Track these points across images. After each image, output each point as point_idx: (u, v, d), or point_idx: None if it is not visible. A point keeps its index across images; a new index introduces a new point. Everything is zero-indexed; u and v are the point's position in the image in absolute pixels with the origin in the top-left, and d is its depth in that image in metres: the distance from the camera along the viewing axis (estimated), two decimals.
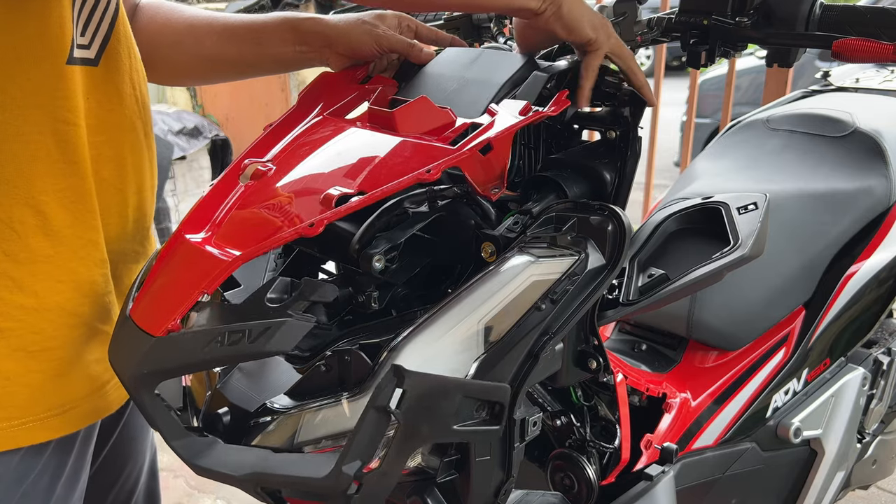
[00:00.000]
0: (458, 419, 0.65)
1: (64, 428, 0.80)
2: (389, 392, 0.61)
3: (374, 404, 0.61)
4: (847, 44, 0.80)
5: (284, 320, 0.63)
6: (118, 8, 0.81)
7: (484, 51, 0.91)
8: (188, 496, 2.16)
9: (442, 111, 0.77)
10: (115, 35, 0.81)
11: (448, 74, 0.88)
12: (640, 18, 0.91)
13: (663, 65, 2.68)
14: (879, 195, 1.36)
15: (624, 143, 0.87)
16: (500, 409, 0.68)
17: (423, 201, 0.75)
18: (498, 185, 0.76)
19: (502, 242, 0.75)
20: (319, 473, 0.62)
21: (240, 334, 0.63)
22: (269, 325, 0.63)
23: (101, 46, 0.79)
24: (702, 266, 0.84)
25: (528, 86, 0.83)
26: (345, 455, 0.61)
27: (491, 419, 0.68)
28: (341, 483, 0.61)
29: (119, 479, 1.05)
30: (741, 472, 1.20)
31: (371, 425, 0.61)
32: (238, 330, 0.63)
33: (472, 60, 0.88)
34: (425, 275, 0.79)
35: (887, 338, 1.53)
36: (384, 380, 0.62)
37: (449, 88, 0.85)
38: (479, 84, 0.84)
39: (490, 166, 0.74)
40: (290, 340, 0.64)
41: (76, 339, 0.79)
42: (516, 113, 0.76)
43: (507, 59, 0.86)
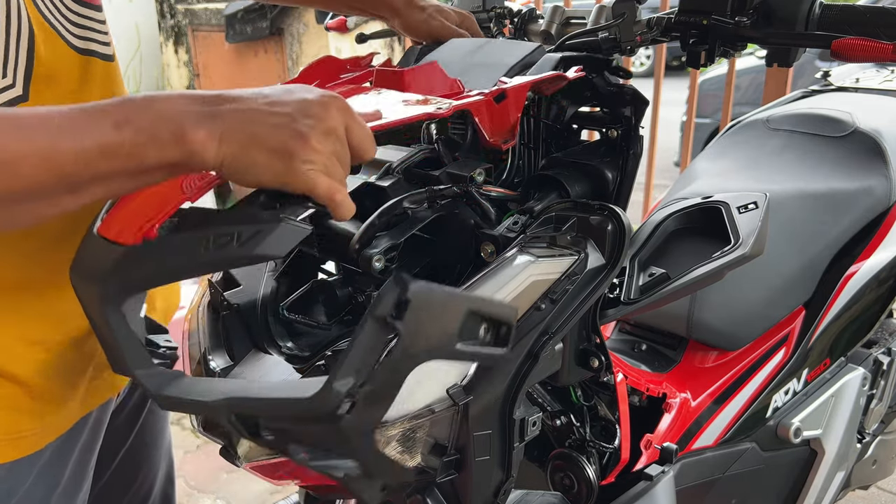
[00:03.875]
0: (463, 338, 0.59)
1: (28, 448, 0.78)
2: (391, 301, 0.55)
3: (374, 313, 0.55)
4: (846, 43, 0.80)
5: (277, 223, 0.58)
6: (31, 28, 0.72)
7: (489, 40, 0.91)
8: (188, 496, 2.16)
9: (452, 80, 0.76)
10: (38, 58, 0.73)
11: (453, 60, 0.87)
12: (639, 18, 0.90)
13: (663, 65, 2.68)
14: (879, 195, 1.36)
15: (625, 142, 0.87)
16: (507, 331, 0.61)
17: (423, 201, 0.75)
18: (508, 136, 0.75)
19: (502, 242, 0.75)
20: (306, 393, 0.56)
21: (227, 237, 0.58)
22: (260, 227, 0.58)
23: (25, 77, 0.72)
24: (702, 265, 0.84)
25: (539, 66, 0.83)
26: (337, 370, 0.55)
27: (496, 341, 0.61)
28: (332, 401, 0.55)
29: (133, 485, 1.05)
30: (741, 472, 1.20)
31: (369, 337, 0.55)
32: (226, 234, 0.58)
33: (478, 48, 0.88)
34: (426, 275, 0.79)
35: (887, 338, 1.53)
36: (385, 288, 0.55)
37: (456, 71, 0.84)
38: (487, 66, 0.83)
39: (502, 116, 0.73)
40: (283, 245, 0.59)
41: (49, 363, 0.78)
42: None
43: (514, 46, 0.86)
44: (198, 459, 2.32)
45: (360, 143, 0.63)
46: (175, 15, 5.23)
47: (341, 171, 0.62)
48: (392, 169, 0.79)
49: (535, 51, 0.85)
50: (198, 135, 0.57)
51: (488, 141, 0.72)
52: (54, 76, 0.74)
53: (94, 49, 0.80)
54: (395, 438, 0.67)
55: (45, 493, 0.80)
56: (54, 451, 0.81)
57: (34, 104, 0.71)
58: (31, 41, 0.72)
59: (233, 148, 0.58)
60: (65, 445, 0.82)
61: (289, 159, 0.59)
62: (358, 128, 0.62)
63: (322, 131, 0.60)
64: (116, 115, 0.57)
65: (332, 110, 0.61)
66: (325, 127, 0.60)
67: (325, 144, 0.60)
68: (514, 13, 1.14)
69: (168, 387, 0.61)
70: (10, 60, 0.70)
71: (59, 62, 0.75)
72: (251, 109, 0.59)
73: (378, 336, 0.55)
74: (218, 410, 0.59)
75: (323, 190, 0.60)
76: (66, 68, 0.76)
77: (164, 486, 1.11)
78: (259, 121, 0.59)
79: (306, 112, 0.60)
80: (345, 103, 0.62)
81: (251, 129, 0.58)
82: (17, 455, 0.77)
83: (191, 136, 0.57)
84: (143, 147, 0.57)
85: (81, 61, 0.78)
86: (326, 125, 0.60)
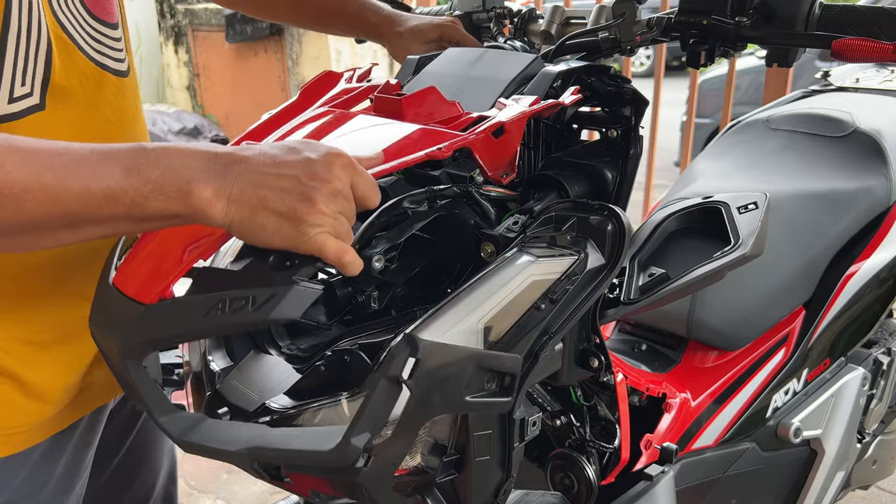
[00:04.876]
0: (469, 390, 0.63)
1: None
2: (402, 361, 0.58)
3: (386, 374, 0.58)
4: (847, 43, 0.80)
5: (290, 286, 0.60)
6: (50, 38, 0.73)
7: (487, 50, 0.91)
8: (188, 496, 2.16)
9: (450, 103, 0.76)
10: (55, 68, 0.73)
11: (451, 73, 0.87)
12: (639, 18, 0.90)
13: (663, 65, 2.68)
14: (879, 195, 1.36)
15: (625, 143, 0.87)
16: (511, 381, 0.65)
17: (423, 201, 0.75)
18: (508, 170, 0.75)
19: (502, 242, 0.75)
20: (326, 446, 0.58)
21: (243, 301, 0.59)
22: (274, 291, 0.59)
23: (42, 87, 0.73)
24: (702, 265, 0.84)
25: (537, 83, 0.83)
26: (353, 426, 0.58)
27: (501, 391, 0.65)
28: (350, 456, 0.58)
29: (136, 482, 1.05)
30: (741, 472, 1.20)
31: (382, 395, 0.58)
32: (241, 297, 0.59)
33: (476, 60, 0.88)
34: (425, 275, 0.79)
35: (887, 338, 1.53)
36: (396, 348, 0.59)
37: (453, 87, 0.85)
38: (485, 81, 0.83)
39: (501, 151, 0.73)
40: (297, 308, 0.60)
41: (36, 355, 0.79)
42: (527, 106, 0.75)
43: (512, 58, 0.86)
44: (198, 459, 2.31)
45: (364, 196, 0.64)
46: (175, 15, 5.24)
47: (348, 227, 0.63)
48: None
49: (533, 63, 0.85)
50: (205, 192, 0.58)
51: (489, 175, 0.73)
52: (69, 87, 0.75)
53: (107, 64, 0.81)
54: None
55: (36, 488, 0.81)
56: (47, 448, 0.81)
57: (51, 114, 0.72)
58: (48, 51, 0.72)
59: (242, 211, 0.59)
60: (58, 442, 0.83)
61: (297, 223, 0.60)
62: (362, 181, 0.63)
63: (329, 193, 0.60)
64: (126, 162, 0.58)
65: (336, 169, 0.61)
66: (331, 189, 0.61)
67: (332, 206, 0.61)
68: (514, 13, 1.14)
69: (191, 432, 0.63)
70: (30, 69, 0.71)
71: (74, 72, 0.76)
72: (259, 172, 0.60)
73: (391, 394, 0.59)
74: (241, 459, 0.61)
75: (332, 253, 0.61)
76: (81, 79, 0.77)
77: (166, 484, 1.11)
78: (267, 184, 0.59)
79: (313, 174, 0.60)
80: (348, 159, 0.63)
81: (260, 192, 0.59)
82: (10, 451, 0.78)
83: (197, 193, 0.58)
84: (148, 198, 0.58)
85: (96, 73, 0.79)
86: (332, 187, 0.61)
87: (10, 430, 0.78)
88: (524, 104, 0.76)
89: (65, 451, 0.84)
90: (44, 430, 0.81)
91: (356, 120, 0.76)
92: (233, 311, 0.59)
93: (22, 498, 0.80)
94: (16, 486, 0.79)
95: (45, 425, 0.80)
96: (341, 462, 0.58)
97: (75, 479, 0.87)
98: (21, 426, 0.78)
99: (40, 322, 0.78)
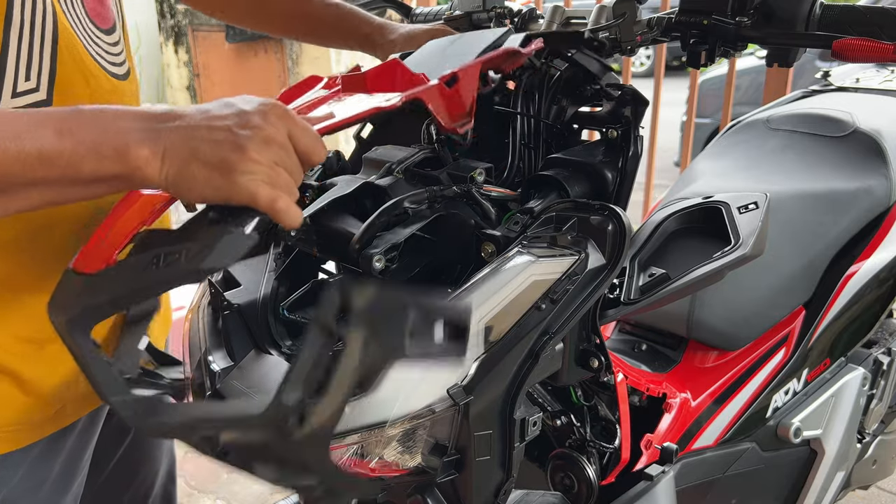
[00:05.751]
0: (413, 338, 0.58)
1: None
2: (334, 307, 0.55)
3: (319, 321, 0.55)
4: (847, 44, 0.80)
5: (222, 235, 0.58)
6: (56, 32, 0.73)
7: (463, 34, 0.91)
8: (188, 496, 2.16)
9: (416, 74, 0.75)
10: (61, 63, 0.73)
11: (427, 59, 0.87)
12: (639, 18, 0.90)
13: (663, 65, 2.68)
14: (879, 195, 1.36)
15: (625, 143, 0.87)
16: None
17: (423, 201, 0.75)
18: (465, 120, 0.74)
19: (502, 242, 0.75)
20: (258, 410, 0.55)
21: (176, 254, 0.58)
22: (206, 241, 0.58)
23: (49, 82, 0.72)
24: (702, 265, 0.84)
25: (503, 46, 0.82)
26: (284, 384, 0.55)
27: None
28: (280, 413, 0.55)
29: (134, 481, 1.05)
30: (741, 472, 1.20)
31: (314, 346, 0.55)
32: (174, 251, 0.58)
33: (451, 42, 0.88)
34: (425, 275, 0.79)
35: (887, 338, 1.53)
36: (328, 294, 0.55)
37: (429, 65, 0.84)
38: (456, 56, 0.83)
39: (456, 100, 0.72)
40: (231, 256, 0.58)
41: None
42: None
43: (485, 33, 0.86)
44: (198, 459, 2.31)
45: (306, 148, 0.62)
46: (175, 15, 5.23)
47: (287, 179, 0.61)
48: (392, 169, 0.79)
49: (504, 34, 0.84)
50: (141, 151, 0.58)
51: (445, 127, 0.72)
52: (75, 84, 0.75)
53: (106, 66, 0.81)
54: (395, 438, 0.67)
55: (35, 485, 0.81)
56: (45, 447, 0.82)
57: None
58: (54, 45, 0.72)
59: (175, 165, 0.58)
60: (56, 441, 0.83)
61: (228, 173, 0.58)
62: (301, 132, 0.62)
63: (261, 140, 0.59)
64: (60, 125, 0.57)
65: (270, 118, 0.60)
66: (263, 135, 0.59)
67: (265, 154, 0.59)
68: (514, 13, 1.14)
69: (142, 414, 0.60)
70: (35, 63, 0.71)
71: (81, 70, 0.76)
72: (192, 126, 0.59)
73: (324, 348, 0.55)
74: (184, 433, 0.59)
75: (264, 199, 0.59)
76: (87, 77, 0.77)
77: (165, 483, 1.11)
78: (199, 137, 0.59)
79: (245, 123, 0.59)
80: (284, 110, 0.61)
81: (191, 145, 0.58)
82: (9, 448, 0.78)
83: (134, 152, 0.58)
84: (83, 158, 0.57)
85: (98, 72, 0.79)
86: (265, 133, 0.59)
87: (9, 427, 0.78)
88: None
89: (63, 449, 0.84)
90: (42, 428, 0.81)
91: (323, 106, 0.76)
92: (167, 265, 0.58)
93: (20, 495, 0.80)
94: (14, 483, 0.79)
95: (43, 423, 0.81)
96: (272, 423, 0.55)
97: (73, 478, 0.87)
98: (20, 423, 0.78)
99: (36, 320, 0.78)
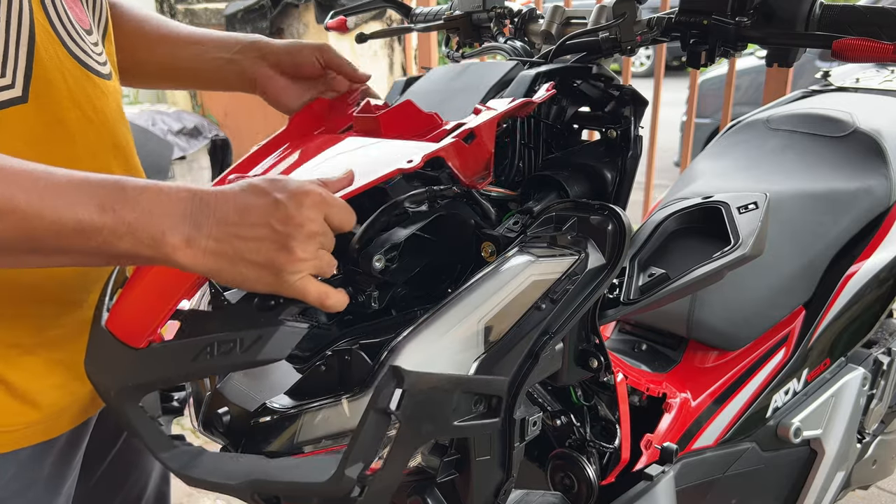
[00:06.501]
0: (458, 415, 0.65)
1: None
2: (389, 393, 0.61)
3: (375, 406, 0.61)
4: (847, 44, 0.80)
5: (277, 328, 0.62)
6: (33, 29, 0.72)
7: (470, 63, 0.92)
8: (188, 496, 2.16)
9: (427, 115, 0.77)
10: (38, 61, 0.72)
11: (435, 89, 0.88)
12: (639, 18, 0.90)
13: (663, 65, 2.68)
14: (879, 195, 1.36)
15: (625, 143, 0.87)
16: (498, 402, 0.68)
17: (423, 201, 0.75)
18: (484, 174, 0.75)
19: (502, 242, 0.75)
20: (321, 478, 0.61)
21: (231, 344, 0.61)
22: (261, 333, 0.61)
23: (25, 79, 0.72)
24: (702, 265, 0.84)
25: (515, 86, 0.83)
26: (346, 458, 0.60)
27: (489, 412, 0.68)
28: (344, 486, 0.61)
29: (127, 482, 1.05)
30: (741, 472, 1.20)
31: (372, 427, 0.61)
32: (229, 340, 0.61)
33: (459, 74, 0.89)
34: (425, 275, 0.79)
35: (887, 338, 1.53)
36: (383, 381, 0.61)
37: (437, 100, 0.85)
38: (466, 91, 0.84)
39: (475, 156, 0.73)
40: (284, 348, 0.62)
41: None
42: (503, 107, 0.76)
43: (493, 67, 0.87)
44: None
45: (340, 224, 0.64)
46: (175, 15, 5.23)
47: (328, 259, 0.63)
48: None
49: (513, 69, 0.85)
50: (175, 240, 0.59)
51: (464, 182, 0.73)
52: (53, 81, 0.74)
53: (89, 63, 0.81)
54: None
55: (25, 486, 0.81)
56: (34, 448, 0.81)
57: (33, 106, 0.71)
58: (31, 43, 0.71)
59: (220, 263, 0.60)
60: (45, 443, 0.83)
61: (278, 272, 0.60)
62: (336, 212, 0.63)
63: (305, 238, 0.61)
64: (103, 200, 0.58)
65: (307, 210, 0.61)
66: (306, 232, 0.61)
67: (310, 249, 0.61)
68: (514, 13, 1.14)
69: (191, 466, 0.65)
70: (10, 60, 0.70)
71: (58, 67, 0.75)
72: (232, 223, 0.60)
73: (380, 426, 0.61)
74: (242, 492, 0.63)
75: (314, 297, 0.62)
76: (65, 75, 0.76)
77: (158, 484, 1.11)
78: (242, 236, 0.60)
79: (285, 219, 0.60)
80: (318, 195, 0.62)
81: (236, 244, 0.60)
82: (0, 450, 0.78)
83: (169, 241, 0.59)
84: (121, 238, 0.58)
85: (79, 71, 0.79)
86: (307, 230, 0.61)
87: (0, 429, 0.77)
88: (499, 107, 0.76)
89: (53, 450, 0.84)
90: (31, 434, 0.80)
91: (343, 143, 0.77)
92: (221, 354, 0.61)
93: (10, 495, 0.80)
94: (4, 483, 0.79)
95: (32, 430, 0.80)
96: (337, 493, 0.61)
97: (64, 478, 0.87)
98: (8, 426, 0.78)
99: (21, 325, 0.77)
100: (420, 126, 0.76)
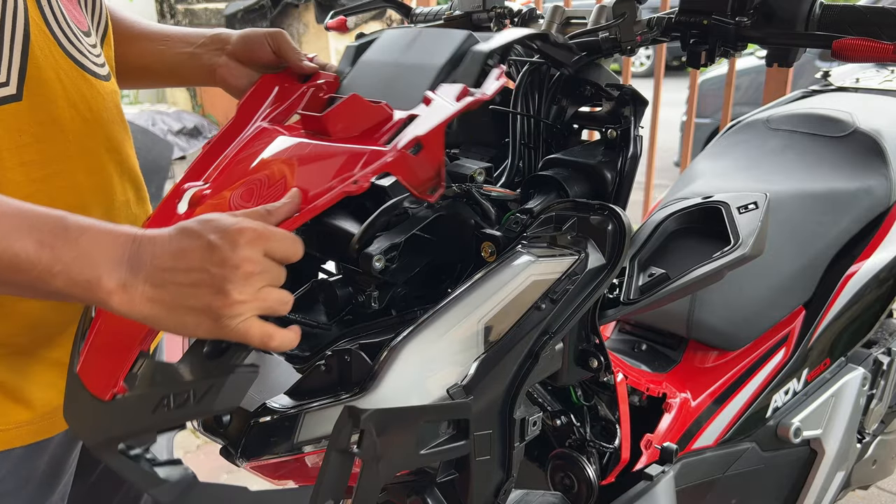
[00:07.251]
0: (424, 444, 0.65)
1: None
2: (347, 434, 0.60)
3: (335, 447, 0.61)
4: (847, 44, 0.80)
5: (226, 377, 0.61)
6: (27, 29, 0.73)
7: (421, 31, 0.87)
8: None
9: (376, 107, 0.73)
10: (32, 60, 0.73)
11: (386, 61, 0.85)
12: (639, 18, 0.90)
13: (663, 65, 2.68)
14: (879, 195, 1.36)
15: (624, 143, 0.87)
16: (466, 424, 0.67)
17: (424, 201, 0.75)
18: (435, 184, 0.71)
19: (502, 242, 0.75)
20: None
21: (185, 395, 0.60)
22: (212, 383, 0.60)
23: (19, 78, 0.72)
24: (702, 265, 0.84)
25: (467, 65, 0.78)
26: (315, 497, 0.61)
27: (458, 434, 0.67)
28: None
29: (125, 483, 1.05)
30: (741, 472, 1.20)
31: (335, 468, 0.61)
32: (182, 392, 0.60)
33: (410, 43, 0.84)
34: (425, 275, 0.79)
35: (887, 338, 1.53)
36: (339, 422, 0.61)
37: (387, 76, 0.82)
38: (416, 69, 0.80)
39: (424, 166, 0.70)
40: (238, 394, 0.62)
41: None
42: (453, 99, 0.72)
43: (444, 38, 0.82)
44: (198, 459, 2.32)
45: (284, 255, 0.61)
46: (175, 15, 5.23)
47: (276, 294, 0.61)
48: None
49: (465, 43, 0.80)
50: (109, 284, 0.58)
51: (416, 193, 0.70)
52: (48, 81, 0.75)
53: (85, 64, 0.81)
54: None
55: (20, 483, 0.81)
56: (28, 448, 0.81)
57: (27, 104, 0.72)
58: (25, 42, 0.72)
59: (158, 311, 0.59)
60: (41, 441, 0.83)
61: (216, 318, 0.58)
62: (277, 245, 0.60)
63: (241, 279, 0.58)
64: (43, 234, 0.57)
65: (243, 250, 0.58)
66: (242, 273, 0.58)
67: (248, 290, 0.58)
68: (514, 13, 1.14)
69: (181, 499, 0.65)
70: (4, 58, 0.70)
71: (53, 67, 0.75)
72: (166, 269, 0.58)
73: (344, 465, 0.61)
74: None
75: (256, 340, 0.59)
76: (60, 74, 0.76)
77: None
78: (177, 281, 0.58)
79: (220, 261, 0.57)
80: (254, 232, 0.59)
81: (171, 291, 0.58)
82: None
83: (103, 286, 0.58)
84: (55, 276, 0.58)
85: (74, 71, 0.79)
86: (243, 271, 0.58)
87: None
88: (450, 96, 0.72)
89: (47, 450, 0.84)
90: (24, 434, 0.81)
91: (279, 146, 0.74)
92: (178, 406, 0.60)
93: (4, 493, 0.80)
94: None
95: (25, 429, 0.80)
96: None
97: (59, 477, 0.87)
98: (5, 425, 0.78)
99: (12, 324, 0.77)
100: (368, 119, 0.73)
